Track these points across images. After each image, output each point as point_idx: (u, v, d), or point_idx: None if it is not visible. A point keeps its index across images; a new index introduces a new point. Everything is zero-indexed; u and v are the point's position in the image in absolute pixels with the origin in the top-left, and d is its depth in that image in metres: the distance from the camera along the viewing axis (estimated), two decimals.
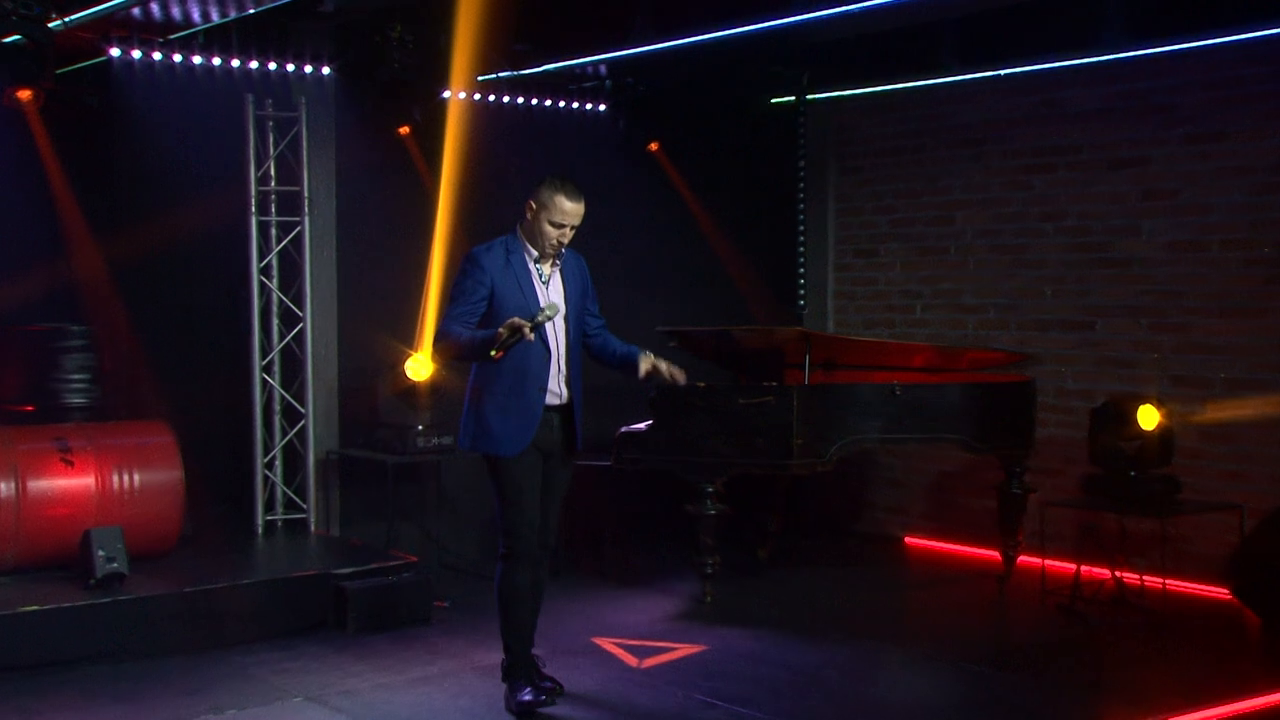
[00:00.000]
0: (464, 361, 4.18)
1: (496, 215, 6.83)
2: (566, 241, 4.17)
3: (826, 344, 6.41)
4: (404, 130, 6.75)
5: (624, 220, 7.20)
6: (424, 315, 6.58)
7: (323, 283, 6.68)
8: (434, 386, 6.57)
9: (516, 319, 3.93)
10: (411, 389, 6.51)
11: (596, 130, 7.48)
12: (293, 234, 6.60)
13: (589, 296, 4.41)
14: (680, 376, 4.32)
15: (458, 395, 6.45)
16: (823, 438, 5.84)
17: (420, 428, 6.47)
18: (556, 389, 4.26)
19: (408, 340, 6.59)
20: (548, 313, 4.02)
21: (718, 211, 7.82)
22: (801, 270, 8.13)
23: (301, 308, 6.59)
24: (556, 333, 4.23)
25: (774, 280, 8.07)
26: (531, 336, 3.95)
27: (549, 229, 4.14)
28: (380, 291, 6.78)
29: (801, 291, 8.11)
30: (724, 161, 7.89)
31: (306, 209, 6.55)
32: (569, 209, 4.17)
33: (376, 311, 6.73)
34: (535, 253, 4.22)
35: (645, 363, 4.30)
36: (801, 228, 8.14)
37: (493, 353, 3.96)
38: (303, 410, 6.59)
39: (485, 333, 4.06)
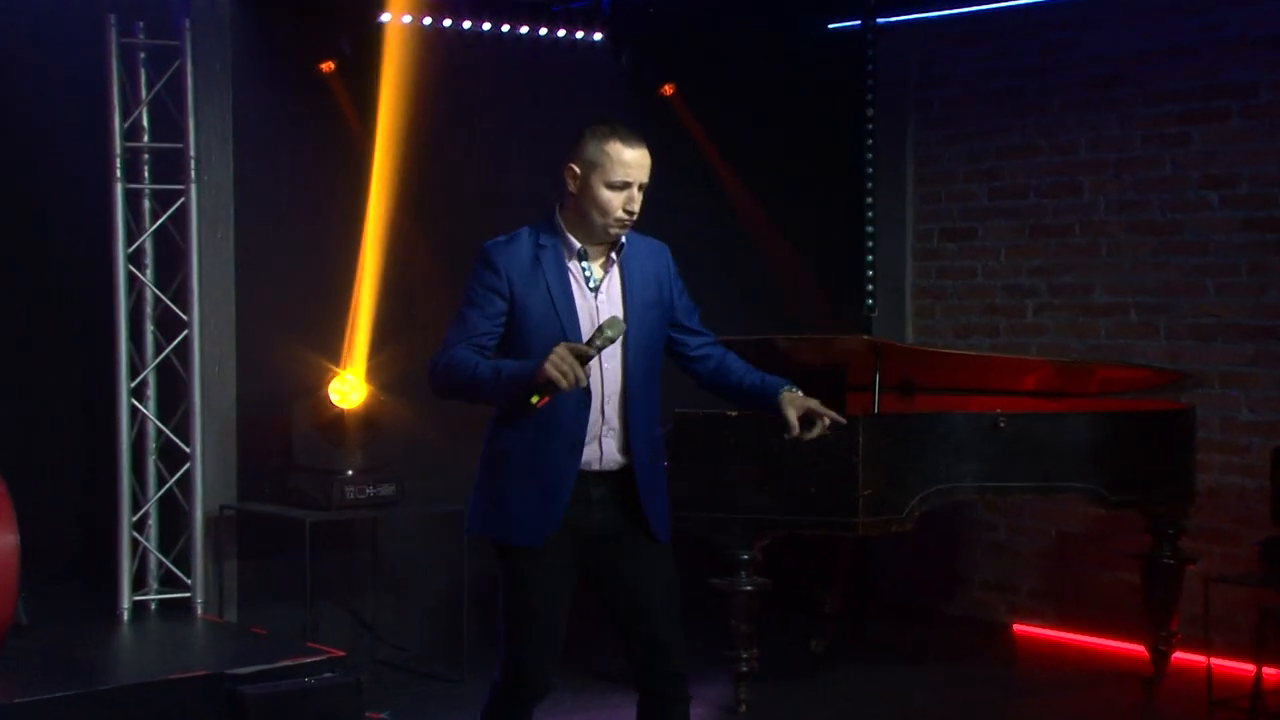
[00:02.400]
0: (474, 403, 4.05)
1: (455, 184, 7.12)
2: (636, 210, 4.03)
3: (904, 358, 6.43)
4: (327, 66, 6.83)
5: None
6: (354, 319, 6.71)
7: (216, 275, 6.70)
8: (368, 417, 6.61)
9: (567, 345, 3.78)
10: (338, 420, 6.55)
11: (591, 68, 7.53)
12: (174, 208, 6.61)
13: (675, 303, 4.28)
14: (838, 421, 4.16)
15: (404, 431, 6.78)
16: (899, 486, 5.87)
17: (349, 473, 6.52)
18: (602, 448, 4.09)
19: (333, 354, 6.67)
20: (609, 334, 3.87)
21: (754, 178, 7.86)
22: (870, 259, 8.14)
23: (186, 309, 6.60)
24: (603, 360, 4.05)
25: (832, 272, 8.15)
26: (583, 381, 3.80)
27: (608, 195, 4.00)
28: (295, 287, 6.84)
29: (870, 287, 8.13)
30: (763, 111, 7.92)
31: (193, 174, 6.57)
32: (630, 158, 4.01)
33: (290, 315, 6.80)
34: (579, 245, 4.10)
35: (792, 408, 4.10)
36: (870, 200, 8.15)
37: (533, 399, 3.79)
38: (187, 450, 6.60)
39: (515, 365, 3.92)
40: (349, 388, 6.55)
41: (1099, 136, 7.54)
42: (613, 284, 4.12)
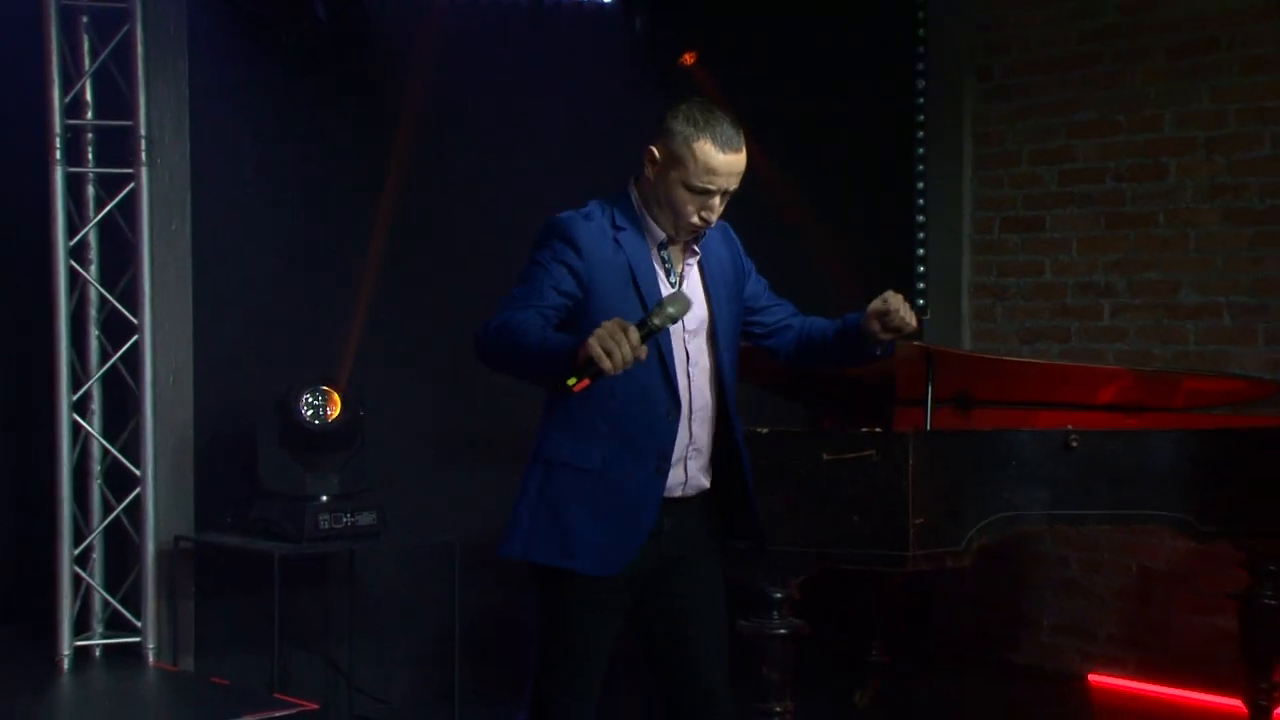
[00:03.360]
0: (522, 379, 3.93)
1: (450, 164, 7.18)
2: (714, 219, 4.08)
3: (960, 367, 6.43)
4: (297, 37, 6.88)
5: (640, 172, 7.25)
6: (331, 321, 6.78)
7: (170, 271, 6.70)
8: (347, 434, 6.63)
9: (618, 321, 3.62)
10: (311, 438, 6.58)
11: (600, 33, 7.55)
12: (122, 195, 6.60)
13: (751, 283, 4.40)
14: (910, 318, 4.26)
15: (389, 450, 6.92)
16: (956, 515, 5.81)
17: (324, 499, 6.54)
18: (687, 472, 4.15)
19: (306, 362, 6.70)
20: (670, 311, 3.75)
21: (786, 158, 7.68)
22: (920, 252, 8.15)
23: (137, 311, 6.60)
24: (691, 367, 4.12)
25: (875, 266, 8.01)
26: (643, 353, 3.64)
27: (684, 198, 4.02)
28: (262, 286, 6.87)
29: (920, 285, 8.13)
30: (796, 82, 7.86)
31: (144, 156, 6.58)
32: (720, 165, 4.00)
33: (256, 317, 6.84)
34: (662, 233, 4.12)
35: (870, 319, 4.25)
36: (920, 185, 8.12)
37: (570, 381, 3.66)
38: (137, 473, 6.60)
39: (565, 339, 3.77)
40: (324, 400, 6.59)
41: (1188, 111, 7.51)
42: (693, 278, 4.18)
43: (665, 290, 4.06)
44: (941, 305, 8.28)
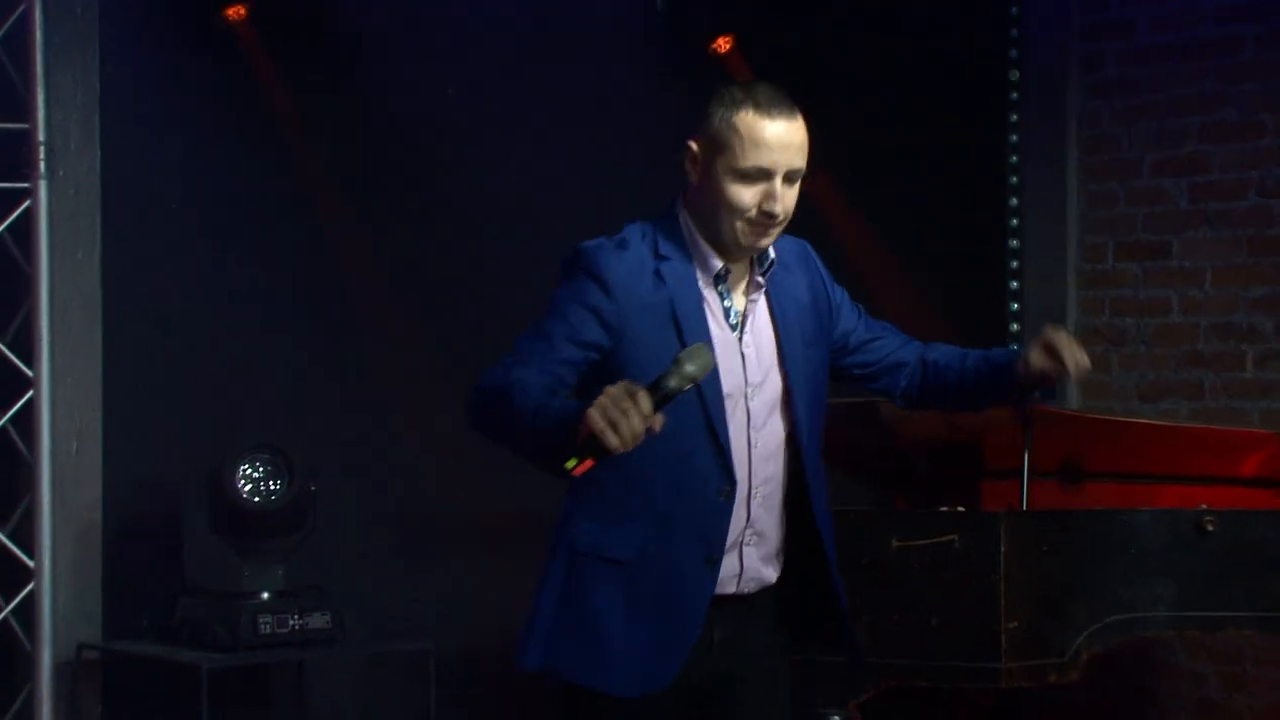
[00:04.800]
0: (521, 455, 3.90)
1: (421, 176, 7.31)
2: (781, 213, 4.05)
3: (1066, 430, 6.41)
4: (235, 12, 6.99)
5: (664, 185, 7.10)
6: (274, 372, 6.94)
7: (74, 310, 6.74)
8: (293, 515, 6.69)
9: (625, 385, 3.62)
10: (249, 520, 6.63)
11: (614, 16, 7.64)
12: (15, 215, 6.64)
13: (839, 317, 4.41)
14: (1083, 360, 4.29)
15: (345, 535, 7.04)
16: (1060, 617, 5.77)
17: (265, 597, 6.58)
18: (743, 562, 4.15)
19: (242, 424, 6.78)
20: (690, 369, 3.73)
21: (845, 170, 7.75)
22: (1014, 285, 8.12)
23: (32, 360, 6.63)
24: (753, 432, 4.13)
25: (960, 304, 8.04)
26: (658, 425, 3.65)
27: (737, 191, 4.03)
28: (188, 328, 6.93)
29: (1014, 327, 8.10)
30: (854, 74, 7.90)
31: (43, 167, 6.62)
32: (771, 134, 4.02)
33: (180, 368, 6.90)
34: (719, 261, 4.12)
35: (1036, 349, 4.28)
36: (1013, 202, 8.08)
37: (569, 464, 3.68)
38: (31, 564, 6.60)
39: (562, 409, 3.79)
40: (267, 472, 6.64)
41: None
42: (760, 318, 4.17)
43: (715, 328, 4.07)
44: None
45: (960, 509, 5.99)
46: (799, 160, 4.04)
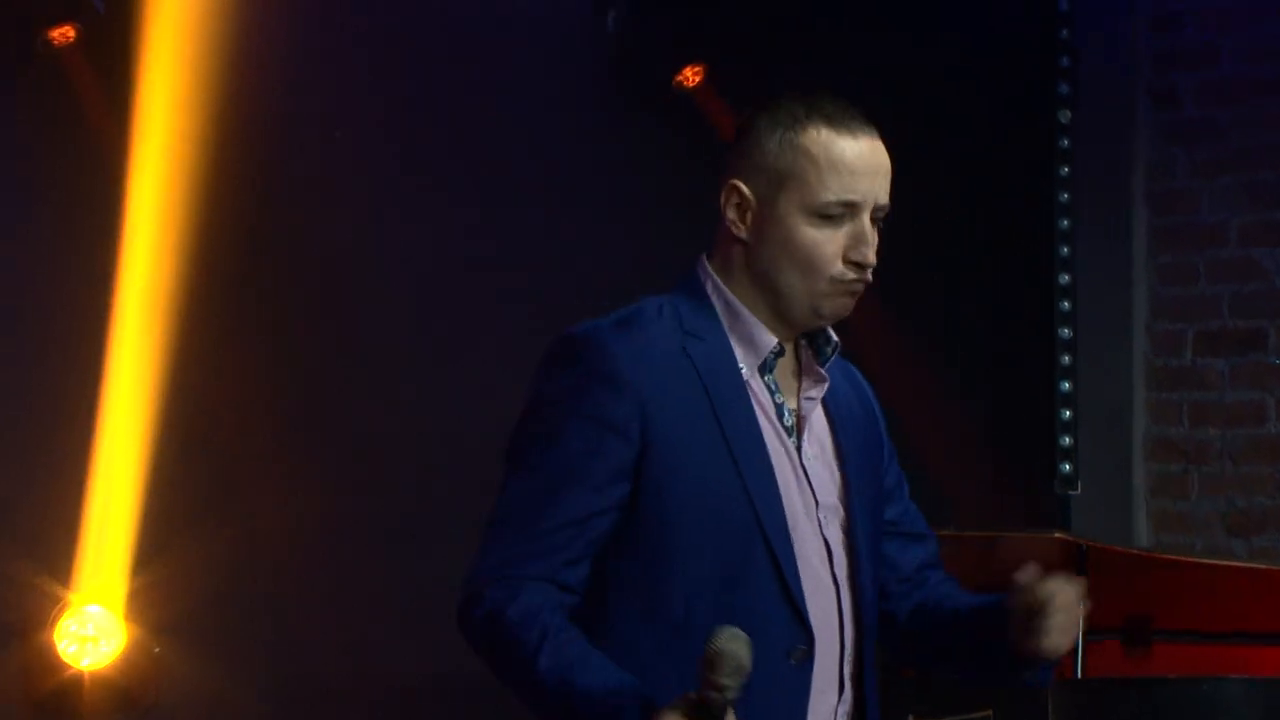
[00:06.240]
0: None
1: (296, 234, 7.14)
2: (873, 259, 3.72)
3: (1132, 574, 6.18)
4: (60, 34, 6.83)
5: (615, 239, 7.19)
6: (103, 501, 6.58)
7: None
8: (130, 683, 6.51)
9: (686, 701, 3.40)
10: (72, 688, 6.47)
11: (555, 37, 7.43)
12: None
13: (887, 478, 4.09)
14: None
15: (196, 705, 7.00)
16: None
17: None
18: None
19: (62, 570, 6.57)
20: (740, 656, 3.35)
21: None
22: (1066, 387, 7.63)
23: None
24: (837, 568, 3.81)
25: (998, 408, 7.77)
26: None
27: (815, 237, 3.66)
28: None
29: (1065, 441, 7.59)
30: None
31: None
32: (855, 155, 3.65)
33: None
34: (771, 338, 3.73)
35: (1029, 590, 3.73)
36: (1065, 278, 7.65)
37: None
38: None
39: (594, 685, 3.56)
40: (94, 630, 6.47)
41: None
42: (817, 422, 3.83)
43: (773, 440, 3.69)
44: (1101, 472, 7.79)
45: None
46: (887, 190, 3.68)
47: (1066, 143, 7.66)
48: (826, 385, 3.75)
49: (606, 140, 7.33)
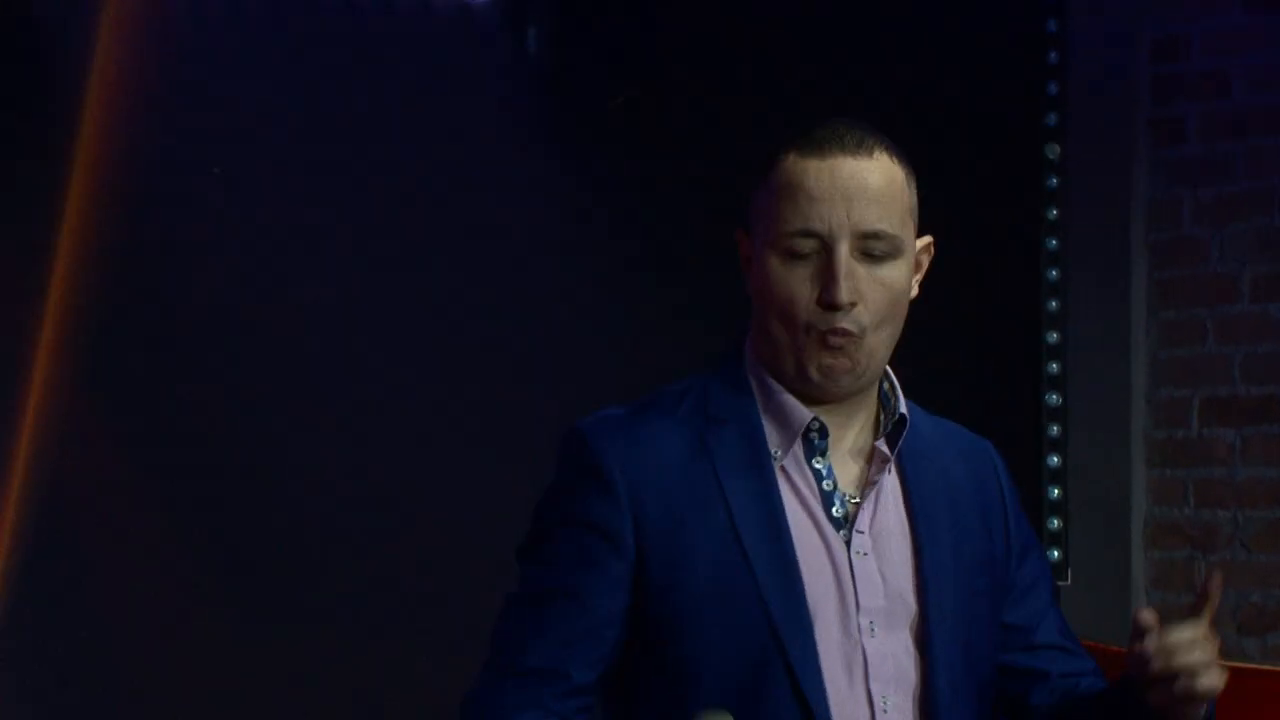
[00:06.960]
0: None
1: (197, 260, 7.17)
2: (848, 301, 3.51)
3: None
4: None
5: (537, 286, 7.31)
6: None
7: None
8: None
9: None
10: None
11: (465, 45, 7.37)
12: None
13: (1014, 570, 3.79)
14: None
15: None
16: None
17: None
18: None
19: None
20: None
21: None
22: (1055, 461, 7.33)
23: None
24: (873, 683, 3.62)
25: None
26: None
27: (781, 277, 3.57)
28: None
29: (1054, 523, 7.32)
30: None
31: None
32: (817, 181, 3.50)
33: None
34: (807, 412, 3.58)
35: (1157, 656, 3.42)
36: (1053, 336, 7.38)
37: None
38: None
39: None
40: None
41: None
42: (887, 506, 3.61)
43: (802, 526, 3.52)
44: (1094, 560, 7.44)
45: None
46: (874, 215, 3.44)
47: (1055, 182, 7.32)
48: (889, 467, 3.52)
49: (530, 168, 7.14)
